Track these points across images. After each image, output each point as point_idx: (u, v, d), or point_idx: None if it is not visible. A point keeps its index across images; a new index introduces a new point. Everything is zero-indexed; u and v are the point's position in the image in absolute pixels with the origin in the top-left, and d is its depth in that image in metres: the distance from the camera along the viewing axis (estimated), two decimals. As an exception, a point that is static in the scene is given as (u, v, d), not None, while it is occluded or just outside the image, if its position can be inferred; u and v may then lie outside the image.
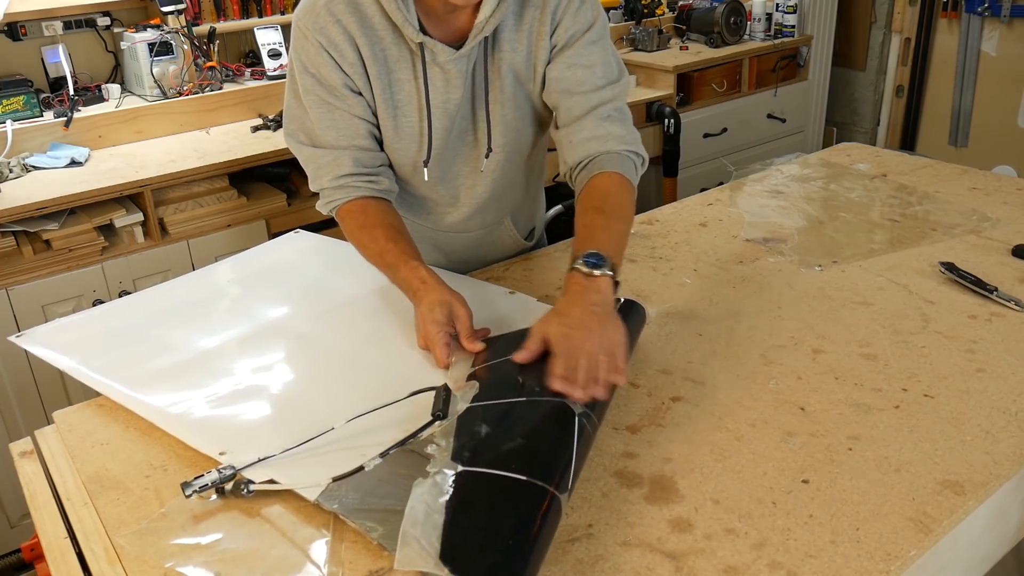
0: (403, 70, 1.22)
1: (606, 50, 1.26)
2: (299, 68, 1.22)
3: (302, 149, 1.27)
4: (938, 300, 1.27)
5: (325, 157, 1.25)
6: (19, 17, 2.42)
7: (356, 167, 1.24)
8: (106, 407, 1.10)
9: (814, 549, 0.82)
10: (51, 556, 0.89)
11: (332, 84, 1.21)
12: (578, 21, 1.23)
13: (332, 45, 1.19)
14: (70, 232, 2.07)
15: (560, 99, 1.25)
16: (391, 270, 1.21)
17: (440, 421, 0.96)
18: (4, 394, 2.05)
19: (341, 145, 1.24)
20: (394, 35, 1.20)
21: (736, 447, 0.97)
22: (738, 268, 1.41)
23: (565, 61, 1.23)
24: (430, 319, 1.11)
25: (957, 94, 3.79)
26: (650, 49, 3.39)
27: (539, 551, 0.78)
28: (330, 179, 1.25)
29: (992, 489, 0.90)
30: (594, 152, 1.23)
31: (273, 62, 2.71)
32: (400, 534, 0.78)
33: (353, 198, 1.25)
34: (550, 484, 0.82)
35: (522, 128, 1.31)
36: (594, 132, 1.23)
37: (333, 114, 1.23)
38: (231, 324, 1.26)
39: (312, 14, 1.19)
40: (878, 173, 1.80)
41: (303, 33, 1.20)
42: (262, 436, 1.00)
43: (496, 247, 1.50)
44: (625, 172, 1.22)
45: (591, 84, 1.23)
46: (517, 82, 1.26)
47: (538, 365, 0.98)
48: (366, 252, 1.24)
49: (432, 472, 0.85)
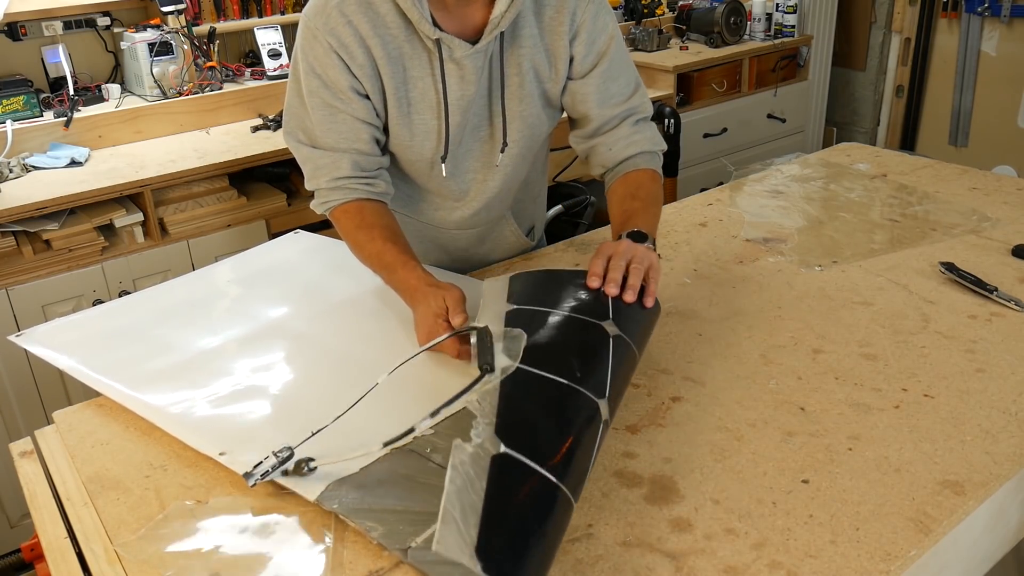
0: (418, 67, 1.22)
1: (625, 55, 1.34)
2: (305, 68, 1.22)
3: (301, 148, 1.27)
4: (938, 300, 1.27)
5: (324, 159, 1.24)
6: (19, 17, 2.42)
7: (354, 170, 1.24)
8: (106, 407, 1.10)
9: (814, 549, 0.82)
10: (51, 556, 0.89)
11: (338, 87, 1.20)
12: (599, 29, 1.28)
13: (342, 46, 1.18)
14: (70, 232, 2.07)
15: (594, 111, 1.32)
16: (387, 270, 1.21)
17: (488, 375, 0.95)
18: (4, 394, 2.05)
19: (341, 148, 1.24)
20: (408, 32, 1.20)
21: (736, 447, 0.97)
22: (738, 268, 1.41)
23: (599, 76, 1.30)
24: (430, 313, 1.11)
25: (957, 94, 3.79)
26: (650, 49, 3.39)
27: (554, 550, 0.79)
28: (327, 180, 1.25)
29: (992, 489, 0.90)
30: (629, 155, 1.34)
31: (273, 62, 2.71)
32: (441, 511, 0.76)
33: (350, 199, 1.25)
34: (568, 486, 0.82)
35: (536, 124, 1.33)
36: (631, 139, 1.34)
37: (336, 117, 1.22)
38: (231, 324, 1.26)
39: (323, 14, 1.18)
40: (878, 173, 1.80)
41: (312, 33, 1.19)
42: (262, 436, 1.00)
43: (497, 244, 1.50)
44: (655, 167, 1.35)
45: (622, 96, 1.33)
46: (536, 79, 1.28)
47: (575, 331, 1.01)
48: (362, 251, 1.25)
49: (474, 440, 0.84)
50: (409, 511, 0.86)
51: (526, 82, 1.27)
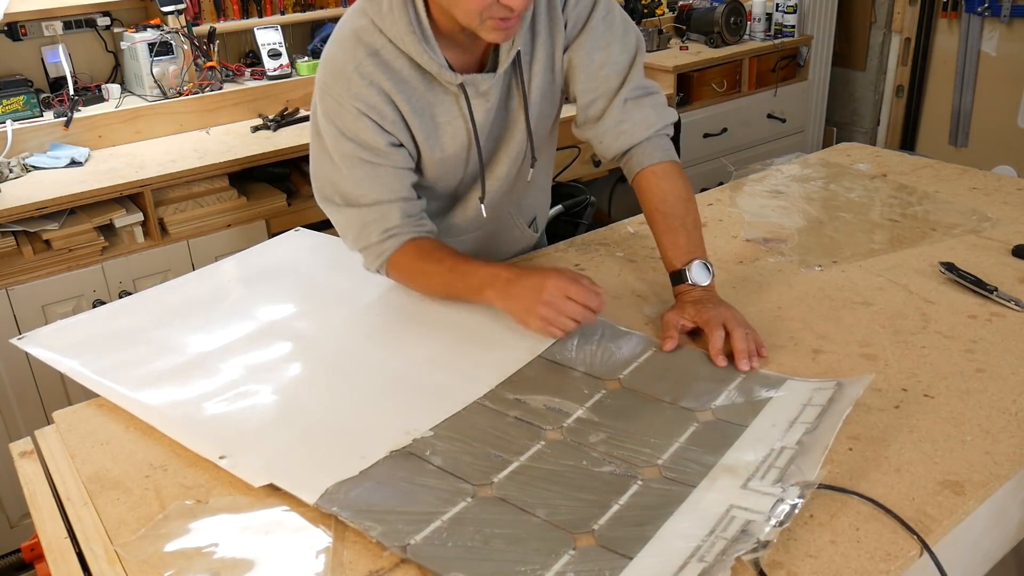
0: (445, 113, 1.22)
1: (614, 22, 1.26)
2: (334, 134, 1.19)
3: (341, 211, 1.24)
4: (938, 300, 1.27)
5: (371, 214, 1.22)
6: (19, 17, 2.42)
7: (403, 217, 1.23)
8: (106, 407, 1.10)
9: (814, 549, 0.82)
10: (51, 556, 0.89)
11: (375, 146, 1.19)
12: (582, 2, 1.23)
13: (371, 108, 1.17)
14: (70, 232, 2.07)
15: (582, 88, 1.27)
16: (469, 275, 1.18)
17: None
18: (4, 394, 2.05)
19: (387, 199, 1.22)
20: (427, 83, 1.19)
21: (736, 447, 0.97)
22: (738, 268, 1.41)
23: (583, 47, 1.24)
24: (566, 275, 1.11)
25: (957, 94, 3.79)
26: (650, 49, 3.39)
27: None
28: (379, 233, 1.22)
29: (992, 489, 0.90)
30: (625, 145, 1.29)
31: (273, 62, 2.71)
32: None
33: (403, 243, 1.24)
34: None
35: (552, 127, 1.34)
36: (620, 125, 1.28)
37: (377, 171, 1.20)
38: (232, 325, 1.26)
39: (343, 80, 1.16)
40: (878, 173, 1.80)
41: (336, 100, 1.17)
42: (261, 439, 1.00)
43: (502, 240, 1.50)
44: (663, 156, 1.28)
45: (611, 67, 1.25)
46: (546, 83, 1.27)
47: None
48: (431, 279, 1.23)
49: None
50: (408, 512, 0.86)
51: (543, 90, 1.27)
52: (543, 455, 0.95)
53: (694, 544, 0.80)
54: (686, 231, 1.24)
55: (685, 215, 1.25)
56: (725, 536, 0.81)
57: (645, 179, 1.28)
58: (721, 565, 0.77)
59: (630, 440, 0.97)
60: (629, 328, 1.21)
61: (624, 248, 1.50)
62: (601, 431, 0.98)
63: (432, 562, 0.80)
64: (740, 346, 1.10)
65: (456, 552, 0.81)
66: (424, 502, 0.88)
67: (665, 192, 1.26)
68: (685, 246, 1.23)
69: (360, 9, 1.18)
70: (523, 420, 1.01)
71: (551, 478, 0.91)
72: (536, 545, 0.81)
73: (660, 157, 1.28)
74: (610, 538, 0.82)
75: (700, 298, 1.19)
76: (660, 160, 1.28)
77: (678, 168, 1.30)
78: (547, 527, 0.84)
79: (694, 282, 1.20)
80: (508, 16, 1.07)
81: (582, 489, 0.89)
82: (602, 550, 0.81)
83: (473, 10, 1.07)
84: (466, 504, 0.87)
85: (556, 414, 1.02)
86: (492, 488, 0.90)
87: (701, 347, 1.15)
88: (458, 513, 0.86)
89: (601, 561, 0.79)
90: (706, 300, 1.18)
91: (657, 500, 0.87)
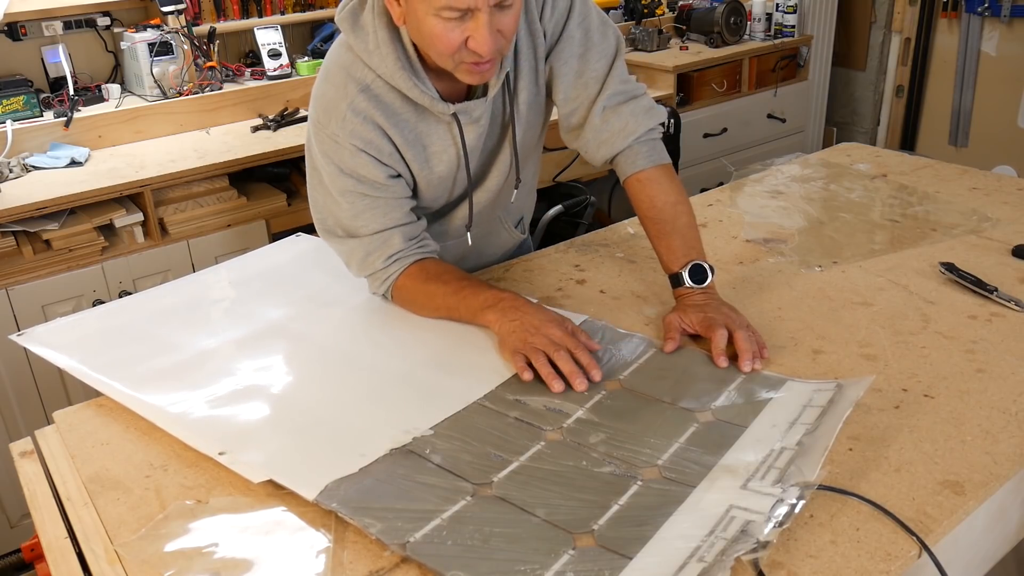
0: (438, 142, 1.22)
1: (590, 27, 1.25)
2: (333, 171, 1.20)
3: (344, 243, 1.25)
4: (938, 300, 1.27)
5: (373, 243, 1.23)
6: (19, 17, 2.42)
7: (405, 241, 1.24)
8: (106, 407, 1.10)
9: (814, 549, 0.82)
10: (51, 556, 0.89)
11: (374, 180, 1.20)
12: (558, 9, 1.23)
13: (368, 144, 1.17)
14: (70, 232, 2.07)
15: (562, 98, 1.27)
16: (472, 297, 1.18)
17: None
18: (4, 394, 2.05)
19: (388, 227, 1.22)
20: (417, 112, 1.19)
21: (736, 447, 0.97)
22: (738, 268, 1.41)
23: (560, 56, 1.25)
24: (558, 321, 1.12)
25: (957, 94, 3.79)
26: (650, 49, 3.39)
27: None
28: (383, 260, 1.23)
29: (992, 489, 0.90)
30: (608, 154, 1.29)
31: (273, 62, 2.71)
32: None
33: (407, 266, 1.24)
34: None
35: (540, 134, 1.34)
36: (599, 135, 1.28)
37: (377, 203, 1.21)
38: (231, 325, 1.26)
39: (337, 119, 1.16)
40: (878, 173, 1.80)
41: (332, 140, 1.18)
42: (261, 436, 1.00)
43: (490, 243, 1.50)
44: (647, 163, 1.27)
45: (588, 75, 1.25)
46: (532, 95, 1.27)
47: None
48: (435, 298, 1.22)
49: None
50: (408, 509, 0.86)
51: (528, 108, 1.27)
52: (543, 455, 0.95)
53: (694, 544, 0.80)
54: (679, 234, 1.24)
55: (676, 218, 1.25)
56: (725, 536, 0.81)
57: (632, 187, 1.28)
58: (721, 565, 0.77)
59: (630, 440, 0.97)
60: (629, 330, 1.21)
61: (624, 249, 1.50)
62: (601, 431, 0.98)
63: (432, 560, 0.80)
64: (744, 347, 1.10)
65: (456, 551, 0.81)
66: (424, 500, 0.88)
67: (653, 198, 1.26)
68: (680, 249, 1.23)
69: (345, 44, 1.18)
70: (523, 421, 1.01)
71: (551, 478, 0.91)
72: (536, 545, 0.82)
73: (644, 164, 1.27)
74: (610, 538, 0.82)
75: (701, 301, 1.19)
76: (644, 167, 1.27)
77: (666, 171, 1.29)
78: (547, 527, 0.84)
79: (691, 285, 1.20)
80: (479, 60, 1.08)
81: (582, 489, 0.89)
82: (602, 550, 0.81)
83: (444, 54, 1.08)
84: (466, 503, 0.88)
85: (556, 415, 1.02)
86: (492, 487, 0.90)
87: (702, 348, 1.15)
88: (458, 511, 0.86)
89: (600, 561, 0.79)
90: (707, 303, 1.18)
91: (657, 500, 0.87)
